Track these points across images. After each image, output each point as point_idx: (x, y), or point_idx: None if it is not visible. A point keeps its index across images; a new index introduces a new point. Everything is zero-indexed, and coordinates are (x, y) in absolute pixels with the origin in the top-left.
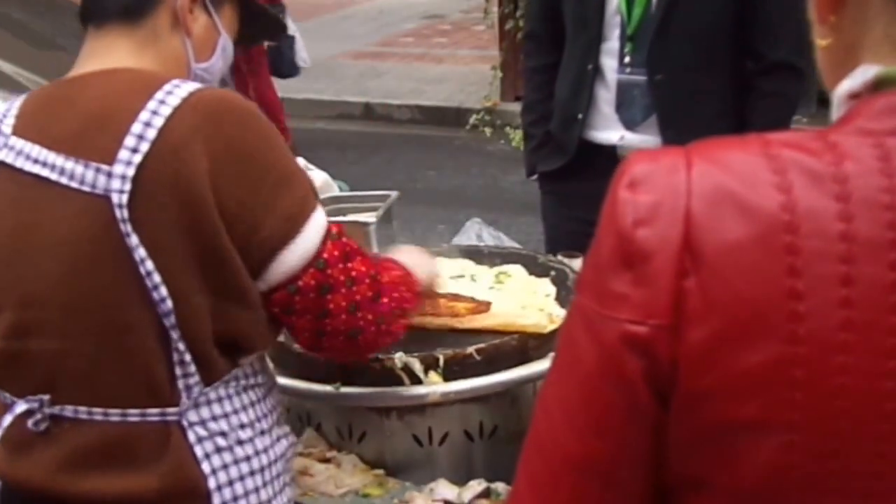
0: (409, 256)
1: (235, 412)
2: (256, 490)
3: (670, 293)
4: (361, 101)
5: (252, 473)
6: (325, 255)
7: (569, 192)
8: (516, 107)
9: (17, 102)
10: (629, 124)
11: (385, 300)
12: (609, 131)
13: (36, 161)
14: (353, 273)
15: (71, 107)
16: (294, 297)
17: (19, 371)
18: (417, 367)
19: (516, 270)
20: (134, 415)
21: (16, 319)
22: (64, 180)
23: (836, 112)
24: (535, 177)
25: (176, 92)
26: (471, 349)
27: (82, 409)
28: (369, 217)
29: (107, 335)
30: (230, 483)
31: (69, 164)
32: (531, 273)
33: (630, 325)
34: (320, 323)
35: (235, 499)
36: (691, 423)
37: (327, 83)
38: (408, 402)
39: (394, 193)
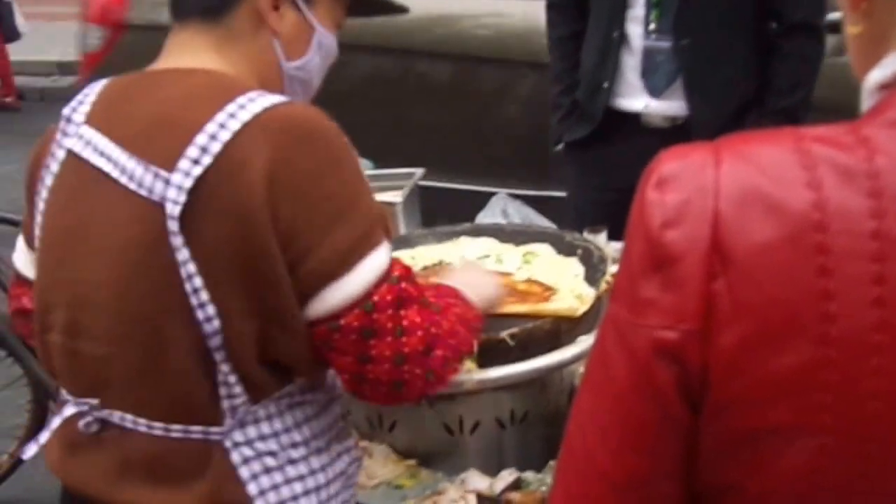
0: (468, 278)
1: (287, 430)
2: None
3: (699, 297)
4: None
5: (306, 493)
6: (376, 298)
7: (594, 160)
8: None
9: (97, 88)
10: (654, 91)
11: (439, 352)
12: (634, 99)
13: (101, 154)
14: (405, 322)
15: (142, 103)
16: (334, 334)
17: (73, 370)
18: None
19: (544, 249)
20: (177, 430)
21: (69, 318)
22: (124, 179)
23: (865, 102)
24: (559, 147)
25: (248, 107)
26: (504, 334)
27: (128, 417)
28: (395, 196)
29: (149, 346)
30: (284, 502)
31: (131, 164)
32: (558, 252)
33: (660, 330)
34: (362, 367)
35: None
36: (721, 428)
37: None
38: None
39: (419, 171)
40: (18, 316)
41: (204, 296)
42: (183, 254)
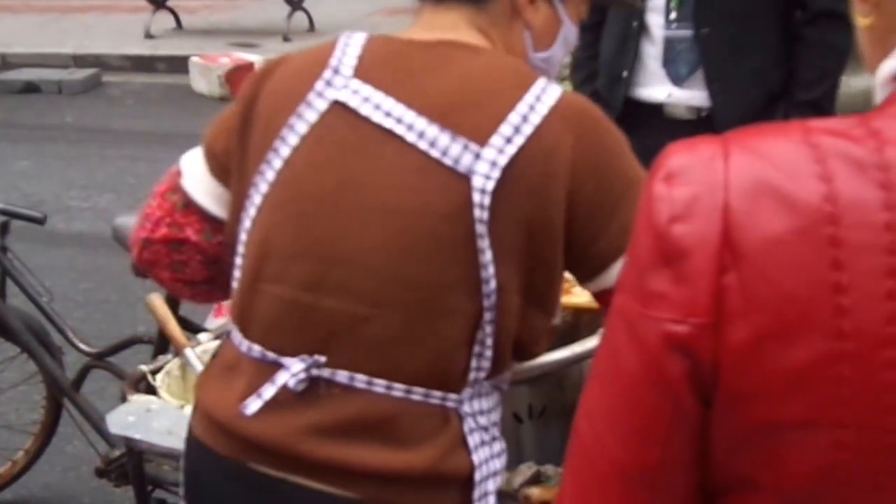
0: None
1: (493, 409)
2: (496, 488)
3: (710, 291)
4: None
5: (498, 473)
6: None
7: None
8: None
9: (355, 42)
10: (676, 80)
11: None
12: (656, 88)
13: (389, 115)
14: None
15: (434, 72)
16: None
17: (298, 326)
18: None
19: None
20: (418, 393)
21: (319, 272)
22: (423, 145)
23: (878, 94)
24: None
25: (549, 91)
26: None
27: (361, 377)
28: None
29: (421, 313)
30: (489, 477)
31: (433, 131)
32: None
33: (671, 324)
34: None
35: (487, 494)
36: (735, 423)
37: None
38: None
39: None
40: (159, 244)
41: (491, 270)
42: (482, 227)
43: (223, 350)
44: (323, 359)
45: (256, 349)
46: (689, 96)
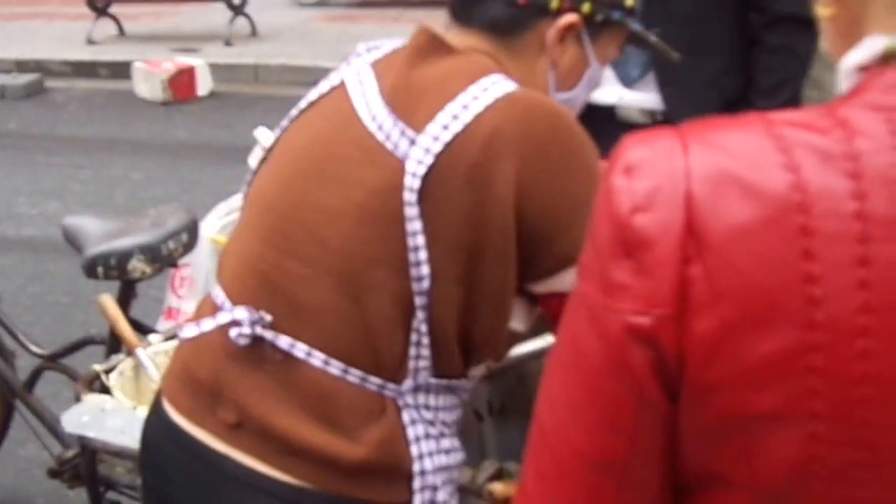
0: None
1: (444, 409)
2: (447, 484)
3: (673, 282)
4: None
5: (448, 468)
6: None
7: None
8: None
9: (395, 44)
10: (626, 82)
11: None
12: (606, 90)
13: (364, 98)
14: None
15: (410, 67)
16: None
17: (254, 279)
18: None
19: None
20: (355, 375)
21: (277, 227)
22: (372, 127)
23: (842, 84)
24: None
25: (500, 83)
26: None
27: (301, 346)
28: None
29: (348, 282)
30: (433, 471)
31: (383, 115)
32: None
33: (633, 315)
34: None
35: (434, 488)
36: (703, 416)
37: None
38: None
39: None
40: None
41: (423, 255)
42: (411, 210)
43: (201, 302)
44: (268, 317)
45: (220, 294)
46: (641, 98)
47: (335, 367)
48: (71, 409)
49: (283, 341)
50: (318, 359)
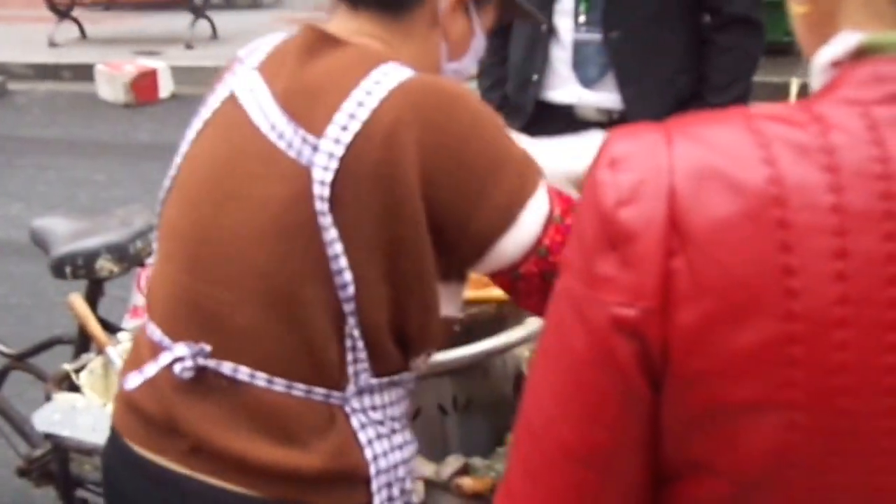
0: None
1: (391, 404)
2: (403, 479)
3: (657, 274)
4: None
5: (404, 462)
6: (547, 242)
7: None
8: None
9: (274, 40)
10: (585, 83)
11: None
12: (565, 90)
13: (259, 106)
14: None
15: (300, 66)
16: (517, 282)
17: (185, 311)
18: None
19: None
20: (299, 389)
21: (192, 254)
22: (272, 136)
23: (816, 80)
24: None
25: (392, 73)
26: None
27: (244, 369)
28: None
29: (278, 302)
30: (387, 470)
31: (282, 122)
32: None
33: (618, 308)
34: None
35: (389, 485)
36: (686, 406)
37: None
38: None
39: None
40: None
41: (343, 262)
42: (326, 219)
43: (137, 337)
44: (208, 347)
45: (157, 332)
46: (599, 99)
47: (279, 385)
48: (42, 408)
49: (226, 367)
50: (261, 379)
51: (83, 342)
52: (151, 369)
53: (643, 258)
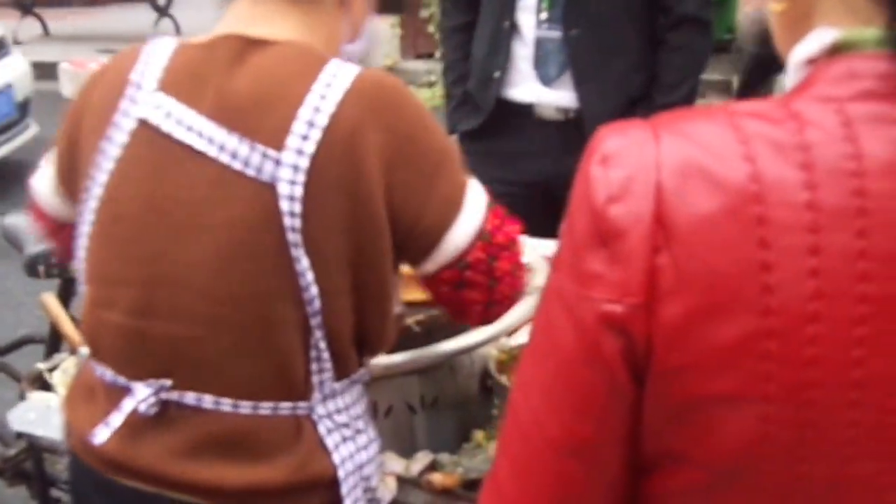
0: None
1: (354, 403)
2: (369, 478)
3: (644, 270)
4: None
5: (370, 461)
6: (489, 227)
7: (487, 151)
8: (417, 65)
9: (162, 52)
10: (545, 80)
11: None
12: (526, 88)
13: (190, 129)
14: (512, 235)
15: (229, 76)
16: (465, 272)
17: (137, 351)
18: None
19: None
20: (266, 408)
21: (143, 297)
22: (225, 158)
23: (791, 77)
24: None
25: (340, 73)
26: (410, 321)
27: (208, 397)
28: None
29: (250, 327)
30: (354, 471)
31: (232, 142)
32: None
33: (607, 304)
34: (491, 293)
35: (355, 486)
36: (666, 399)
37: None
38: None
39: None
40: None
41: (309, 276)
42: (294, 236)
43: (84, 370)
44: (168, 382)
45: (108, 373)
46: (558, 97)
47: (245, 408)
48: (17, 407)
49: (189, 398)
50: (227, 405)
51: (54, 341)
52: (117, 419)
53: (631, 254)
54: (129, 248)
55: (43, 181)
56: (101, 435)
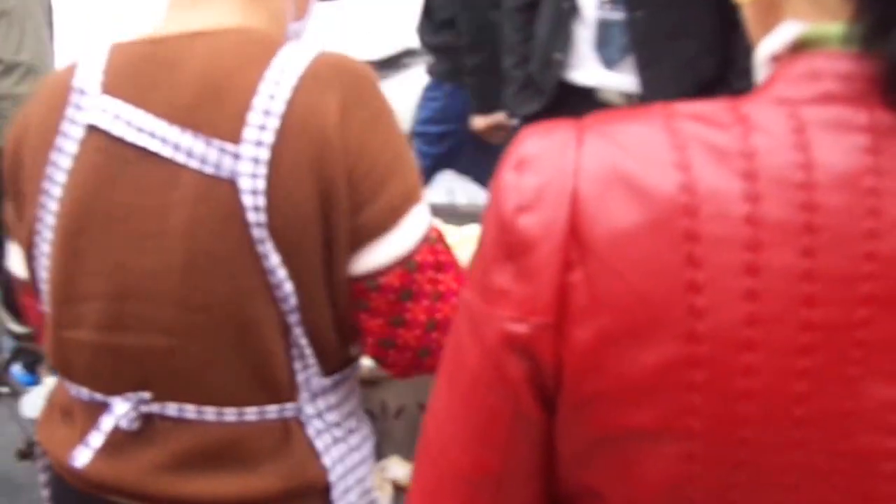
0: None
1: (345, 400)
2: (364, 479)
3: (553, 288)
4: None
5: (363, 462)
6: (419, 258)
7: None
8: None
9: (100, 54)
10: (608, 63)
11: None
12: (587, 71)
13: (141, 130)
14: (442, 288)
15: (176, 71)
16: (371, 293)
17: (112, 367)
18: None
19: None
20: (251, 413)
21: (109, 311)
22: (181, 157)
23: (759, 76)
24: (514, 122)
25: (294, 57)
26: None
27: (189, 407)
28: None
29: (224, 332)
30: (346, 474)
31: (186, 139)
32: None
33: (510, 323)
34: (392, 332)
35: (348, 490)
36: (580, 430)
37: None
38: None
39: None
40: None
41: (282, 273)
42: (261, 232)
43: (58, 392)
44: (147, 395)
45: (84, 391)
46: (621, 81)
47: (230, 415)
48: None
49: (171, 409)
50: (210, 413)
51: None
52: (97, 439)
53: (539, 270)
54: (90, 261)
55: (17, 261)
56: (83, 457)
